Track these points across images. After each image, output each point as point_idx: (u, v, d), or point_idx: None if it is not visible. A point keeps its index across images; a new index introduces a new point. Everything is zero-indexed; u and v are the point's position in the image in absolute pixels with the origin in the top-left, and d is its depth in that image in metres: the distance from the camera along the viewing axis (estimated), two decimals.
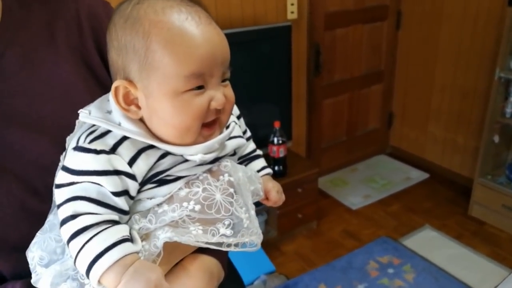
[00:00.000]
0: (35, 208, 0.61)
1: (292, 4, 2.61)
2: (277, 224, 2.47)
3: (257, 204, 0.67)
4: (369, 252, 2.43)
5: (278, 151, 2.34)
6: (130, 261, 0.51)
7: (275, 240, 2.51)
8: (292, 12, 2.62)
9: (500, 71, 2.36)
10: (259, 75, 2.41)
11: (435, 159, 3.23)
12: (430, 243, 2.50)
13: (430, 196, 2.99)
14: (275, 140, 2.33)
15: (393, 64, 3.35)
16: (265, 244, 2.35)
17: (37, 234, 0.58)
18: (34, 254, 0.57)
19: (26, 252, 0.58)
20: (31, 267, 0.57)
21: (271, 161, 2.36)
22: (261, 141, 2.17)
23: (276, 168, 2.38)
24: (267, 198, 0.72)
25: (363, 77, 3.22)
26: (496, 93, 2.43)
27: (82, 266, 0.51)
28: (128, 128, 0.56)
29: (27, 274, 0.58)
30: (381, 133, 3.54)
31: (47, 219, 0.59)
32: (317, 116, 3.06)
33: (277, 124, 2.32)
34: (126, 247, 0.52)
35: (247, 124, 0.74)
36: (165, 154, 0.57)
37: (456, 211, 2.80)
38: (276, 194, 0.71)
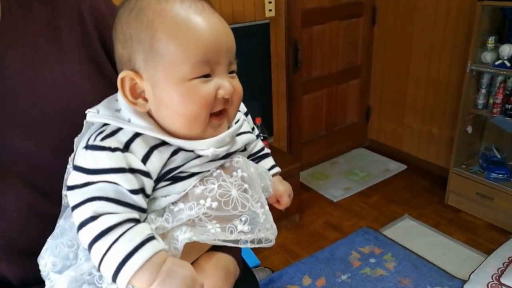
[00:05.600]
0: (45, 212, 0.59)
1: (270, 2, 2.63)
2: None
3: None
4: (351, 243, 2.49)
5: None
6: (161, 259, 0.50)
7: None
8: (270, 10, 2.65)
9: (471, 64, 2.44)
10: (239, 73, 2.41)
11: (412, 150, 3.31)
12: (409, 232, 2.57)
13: (408, 186, 3.07)
14: None
15: (370, 59, 3.41)
16: None
17: (48, 240, 0.57)
18: (46, 260, 0.55)
19: (38, 259, 0.56)
20: (43, 274, 0.55)
21: None
22: None
23: None
24: (278, 201, 0.72)
25: (340, 73, 3.28)
26: (468, 85, 2.51)
27: (109, 268, 0.49)
28: (138, 123, 0.54)
29: (37, 281, 0.56)
30: (360, 127, 3.61)
31: (57, 224, 0.58)
32: (297, 112, 3.10)
33: (258, 121, 2.35)
34: (154, 245, 0.50)
35: None
36: (177, 150, 0.56)
37: (433, 200, 2.88)
38: (288, 199, 0.72)
